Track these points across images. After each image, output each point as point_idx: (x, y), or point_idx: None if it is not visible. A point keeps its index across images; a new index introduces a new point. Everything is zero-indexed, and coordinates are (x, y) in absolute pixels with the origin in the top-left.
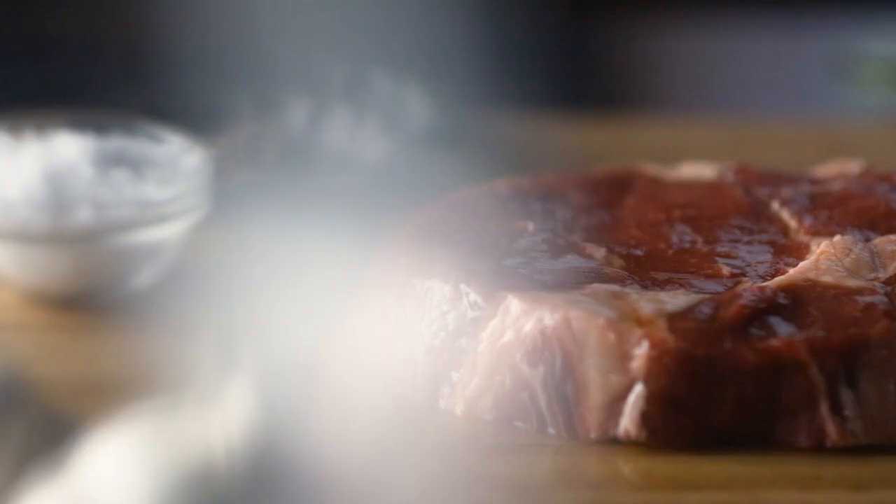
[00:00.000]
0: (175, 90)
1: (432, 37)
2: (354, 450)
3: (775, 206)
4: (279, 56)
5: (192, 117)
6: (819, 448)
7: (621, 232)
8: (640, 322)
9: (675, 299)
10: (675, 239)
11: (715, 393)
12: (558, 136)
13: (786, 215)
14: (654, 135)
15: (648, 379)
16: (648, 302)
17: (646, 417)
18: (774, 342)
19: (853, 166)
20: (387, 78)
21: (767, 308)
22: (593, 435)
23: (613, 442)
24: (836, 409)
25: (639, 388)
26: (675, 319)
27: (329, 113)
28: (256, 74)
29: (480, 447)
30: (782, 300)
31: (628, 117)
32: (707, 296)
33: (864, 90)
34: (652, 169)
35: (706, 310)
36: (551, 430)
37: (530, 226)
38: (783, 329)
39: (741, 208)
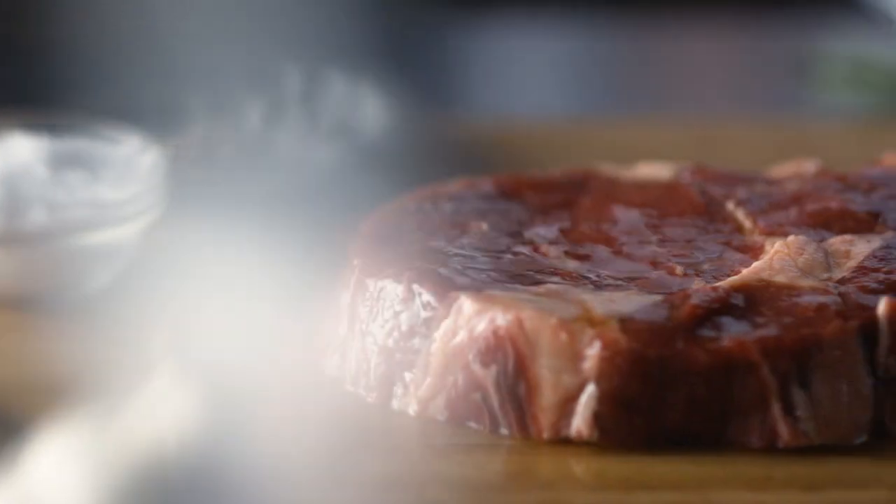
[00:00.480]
0: (129, 90)
1: (387, 38)
2: (305, 450)
3: (730, 206)
4: (232, 56)
5: (147, 117)
6: (771, 448)
7: (576, 232)
8: (592, 322)
9: (628, 299)
10: (629, 239)
11: (667, 393)
12: (517, 136)
13: (741, 215)
14: (614, 135)
15: (600, 379)
16: (601, 302)
17: (598, 417)
18: (726, 342)
19: (809, 166)
20: (342, 79)
21: (720, 308)
22: (546, 435)
23: (566, 442)
24: (789, 409)
25: (591, 389)
26: (627, 320)
27: (284, 114)
28: (210, 74)
29: (433, 447)
30: (735, 300)
31: (590, 117)
32: (660, 296)
33: (826, 90)
34: (608, 169)
35: (659, 310)
36: (504, 431)
37: (484, 226)
38: (735, 329)
39: (696, 208)
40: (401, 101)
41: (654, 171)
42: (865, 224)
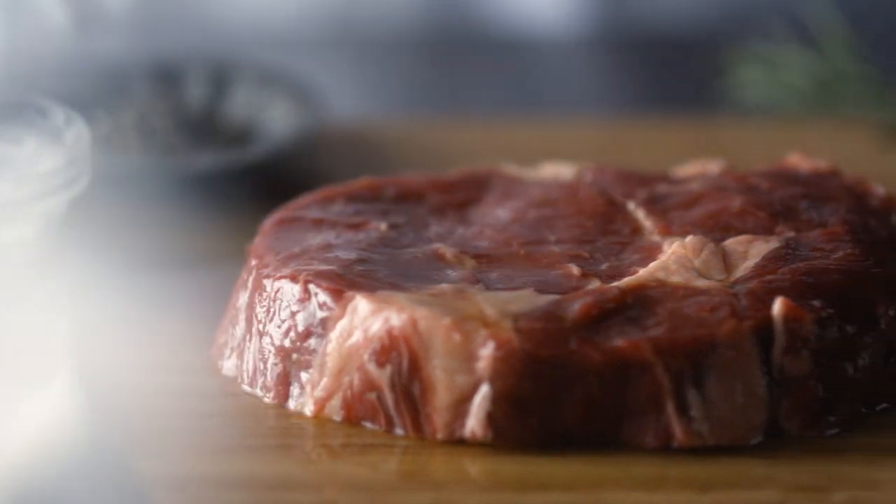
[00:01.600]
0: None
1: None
2: (200, 451)
3: (631, 206)
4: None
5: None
6: (666, 449)
7: (475, 232)
8: (485, 323)
9: (522, 300)
10: (527, 239)
11: (561, 393)
12: (421, 136)
13: (641, 215)
14: (530, 135)
15: (494, 379)
16: (495, 302)
17: (492, 418)
18: (620, 342)
19: (713, 167)
20: (255, 79)
21: (615, 308)
22: (440, 435)
23: (460, 442)
24: (683, 409)
25: (485, 389)
26: (520, 320)
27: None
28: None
29: (329, 448)
30: (630, 300)
31: (501, 118)
32: (554, 296)
33: (742, 90)
34: (511, 169)
35: (552, 310)
36: (399, 431)
37: (383, 226)
38: (630, 329)
39: (596, 209)
40: (303, 103)
41: (556, 171)
42: (765, 224)
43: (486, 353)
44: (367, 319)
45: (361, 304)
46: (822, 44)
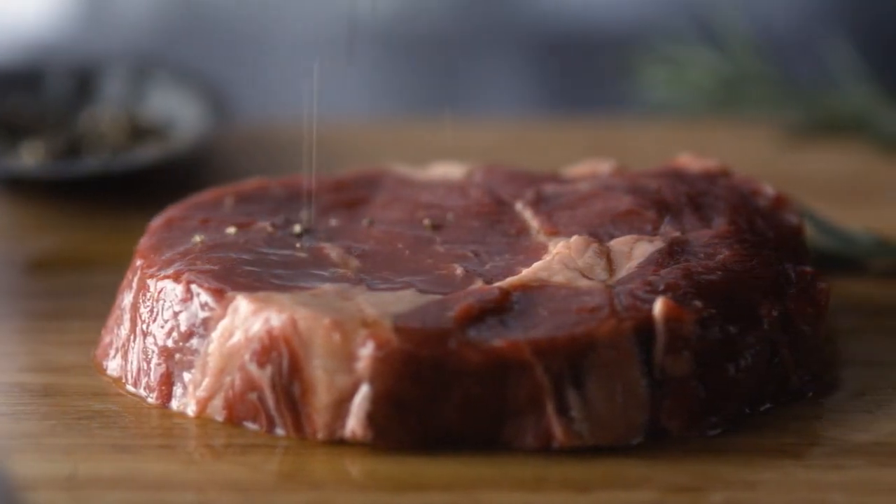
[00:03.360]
0: None
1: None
2: (80, 450)
3: (519, 206)
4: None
5: None
6: (547, 450)
7: (361, 232)
8: (365, 323)
9: (403, 300)
10: (413, 239)
11: (441, 394)
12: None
13: (528, 216)
14: (430, 136)
15: (374, 380)
16: (376, 303)
17: (372, 418)
18: (499, 343)
19: (605, 166)
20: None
21: (496, 308)
22: (320, 435)
23: (341, 442)
24: (563, 409)
25: (364, 389)
26: (400, 320)
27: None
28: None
29: (211, 448)
30: (511, 301)
31: (400, 118)
32: (434, 296)
33: (648, 89)
34: (401, 169)
35: (433, 310)
36: (280, 431)
37: (270, 226)
38: (511, 329)
39: (484, 209)
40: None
41: (446, 170)
42: (652, 225)
43: (366, 353)
44: (247, 319)
45: (242, 304)
46: (726, 45)
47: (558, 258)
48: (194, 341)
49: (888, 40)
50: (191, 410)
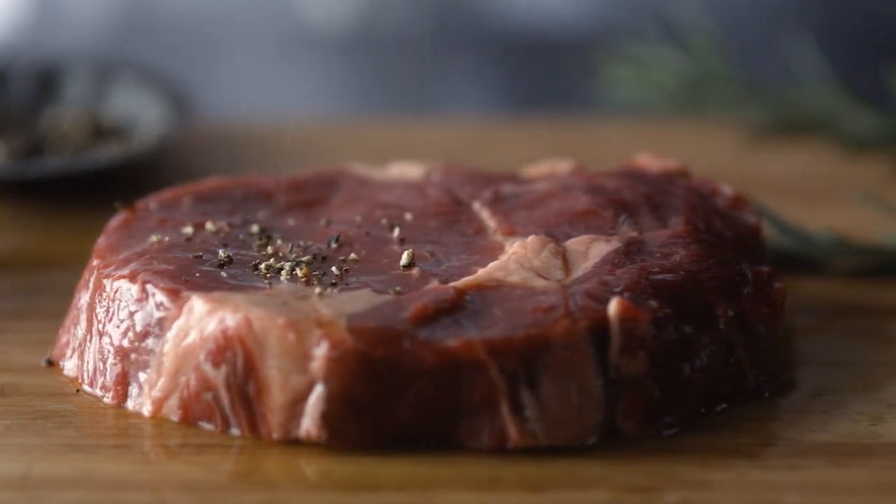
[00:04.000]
0: None
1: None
2: (37, 450)
3: (476, 206)
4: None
5: None
6: (502, 449)
7: (318, 232)
8: (320, 323)
9: (358, 300)
10: (370, 239)
11: (395, 394)
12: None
13: (485, 216)
14: (391, 136)
15: (328, 380)
16: (331, 303)
17: (326, 418)
18: (453, 343)
19: (564, 166)
20: (127, 79)
21: (450, 308)
22: (276, 435)
23: (296, 442)
24: (517, 409)
25: (319, 389)
26: (355, 320)
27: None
28: None
29: (166, 448)
30: (466, 301)
31: (361, 118)
32: (388, 296)
33: (613, 89)
34: (359, 169)
35: (388, 310)
36: (235, 431)
37: (226, 226)
38: (465, 329)
39: (441, 209)
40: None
41: (404, 170)
42: (609, 225)
43: (321, 353)
44: (202, 320)
45: (197, 304)
46: (691, 45)
47: (514, 258)
48: (150, 341)
49: (851, 41)
50: (146, 410)
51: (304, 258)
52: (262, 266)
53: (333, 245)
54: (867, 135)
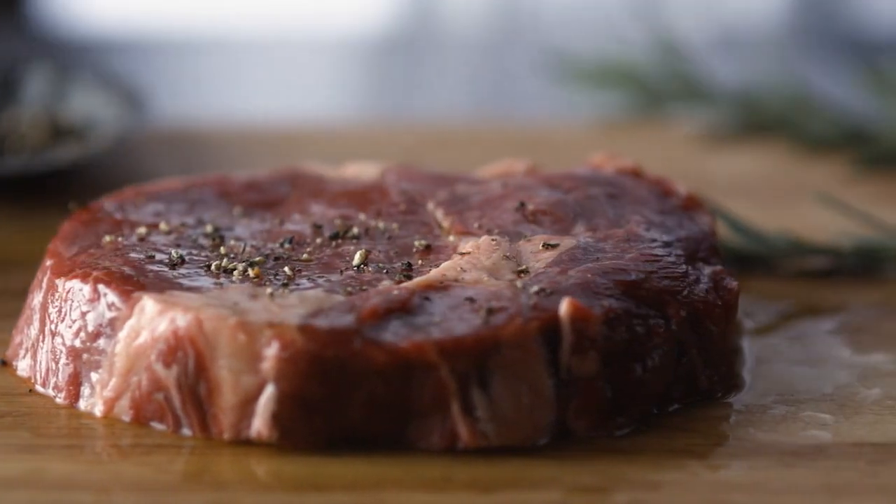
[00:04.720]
0: None
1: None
2: None
3: (430, 206)
4: None
5: None
6: (453, 450)
7: (272, 232)
8: (270, 323)
9: (309, 300)
10: (322, 239)
11: (346, 394)
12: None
13: (440, 215)
14: (358, 136)
15: (279, 380)
16: (281, 303)
17: (277, 418)
18: (404, 343)
19: (519, 166)
20: (85, 80)
21: (401, 309)
22: (227, 435)
23: (247, 442)
24: (468, 410)
25: (270, 389)
26: (305, 320)
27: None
28: None
29: (118, 448)
30: (417, 301)
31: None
32: (340, 297)
33: (573, 90)
34: (315, 168)
35: (338, 311)
36: (187, 431)
37: (180, 226)
38: (416, 330)
39: (396, 208)
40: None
41: (360, 170)
42: (562, 225)
43: (271, 353)
44: (153, 320)
45: (148, 304)
46: (651, 47)
47: (466, 258)
48: (101, 341)
49: (809, 42)
50: (98, 411)
51: (257, 258)
52: (214, 266)
53: (287, 245)
54: (824, 136)
